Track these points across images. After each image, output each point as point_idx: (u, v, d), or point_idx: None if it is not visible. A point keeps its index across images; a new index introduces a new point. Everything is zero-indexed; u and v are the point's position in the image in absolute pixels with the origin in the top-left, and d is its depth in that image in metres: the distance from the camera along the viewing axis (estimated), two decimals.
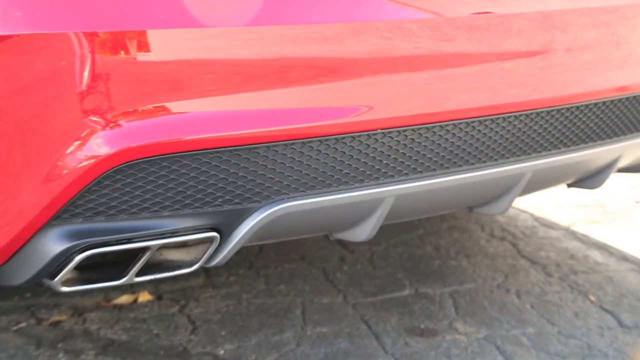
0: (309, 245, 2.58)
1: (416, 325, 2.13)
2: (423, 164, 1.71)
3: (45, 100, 1.45)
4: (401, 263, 2.48)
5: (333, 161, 1.62)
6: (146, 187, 1.50)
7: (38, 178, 1.46)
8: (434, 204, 1.86)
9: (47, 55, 1.43)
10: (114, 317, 2.12)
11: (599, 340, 2.09)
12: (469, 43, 1.73)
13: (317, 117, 1.58)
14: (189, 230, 1.57)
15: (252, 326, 2.10)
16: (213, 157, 1.52)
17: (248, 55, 1.53)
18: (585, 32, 1.88)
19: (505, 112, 1.77)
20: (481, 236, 2.69)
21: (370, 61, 1.63)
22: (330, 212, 1.67)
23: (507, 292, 2.32)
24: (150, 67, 1.47)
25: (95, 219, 1.50)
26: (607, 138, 1.99)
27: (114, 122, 1.45)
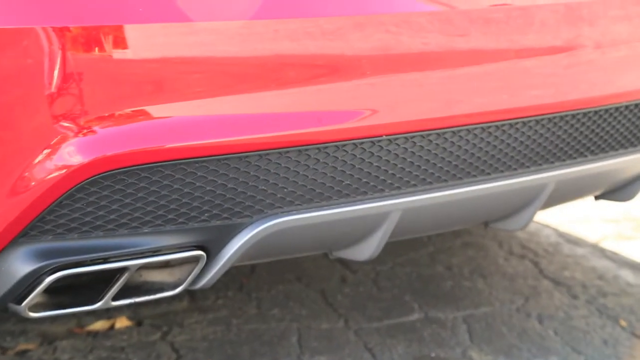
0: (307, 264, 2.57)
1: (426, 353, 2.12)
2: (433, 174, 1.71)
3: (10, 103, 1.44)
4: (409, 284, 2.47)
5: (333, 171, 1.61)
6: (124, 201, 1.50)
7: (2, 190, 1.46)
8: (446, 219, 1.85)
9: (12, 53, 1.43)
10: (87, 345, 2.12)
11: None
12: (484, 39, 1.73)
13: (315, 122, 1.58)
14: (172, 248, 1.56)
15: (243, 355, 2.09)
16: (199, 166, 1.52)
17: (238, 53, 1.53)
18: (617, 25, 1.88)
19: (526, 116, 1.77)
20: (499, 254, 2.69)
21: (374, 59, 1.62)
22: (330, 228, 1.67)
23: (527, 316, 2.32)
24: (128, 66, 1.47)
25: (67, 236, 1.49)
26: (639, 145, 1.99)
27: (88, 128, 1.45)
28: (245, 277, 2.48)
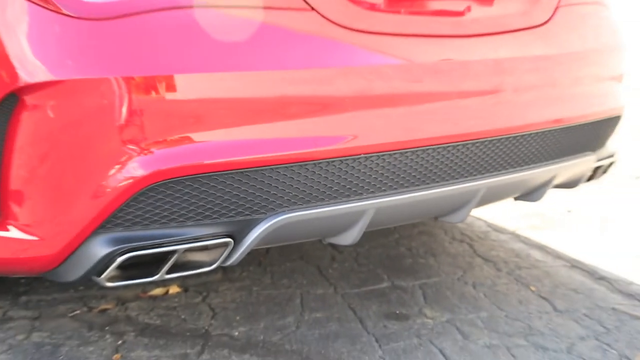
0: (307, 247, 2.55)
1: (392, 311, 2.10)
2: (398, 182, 1.69)
3: (92, 132, 1.42)
4: (380, 261, 2.45)
5: (325, 180, 1.59)
6: (173, 202, 1.47)
7: (86, 195, 1.43)
8: (407, 214, 1.83)
9: (93, 95, 1.41)
10: (149, 305, 2.09)
11: (537, 322, 2.06)
12: (435, 84, 1.71)
13: (312, 145, 1.56)
14: (208, 236, 1.54)
15: (261, 312, 2.06)
16: (227, 177, 1.49)
17: (255, 94, 1.51)
18: (528, 74, 1.86)
19: (464, 140, 1.75)
20: (444, 239, 2.66)
21: (354, 99, 1.60)
22: (323, 221, 1.64)
23: (465, 284, 2.29)
24: (175, 105, 1.45)
25: (133, 228, 1.47)
26: (546, 160, 1.97)
27: (147, 149, 1.43)
28: (262, 256, 2.45)
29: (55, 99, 1.40)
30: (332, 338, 1.94)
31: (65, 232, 1.46)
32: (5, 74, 1.41)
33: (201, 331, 1.95)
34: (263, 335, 1.94)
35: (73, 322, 1.98)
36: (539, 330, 2.02)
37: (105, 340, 1.88)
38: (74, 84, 1.39)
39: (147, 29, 1.44)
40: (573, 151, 2.03)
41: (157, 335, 1.92)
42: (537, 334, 2.00)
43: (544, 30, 1.93)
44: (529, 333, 2.00)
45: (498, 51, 1.82)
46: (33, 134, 1.42)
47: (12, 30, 1.40)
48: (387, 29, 1.67)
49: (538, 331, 2.01)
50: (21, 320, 1.98)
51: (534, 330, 2.02)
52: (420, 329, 2.00)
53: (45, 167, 1.44)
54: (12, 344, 1.85)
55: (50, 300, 2.10)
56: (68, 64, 1.40)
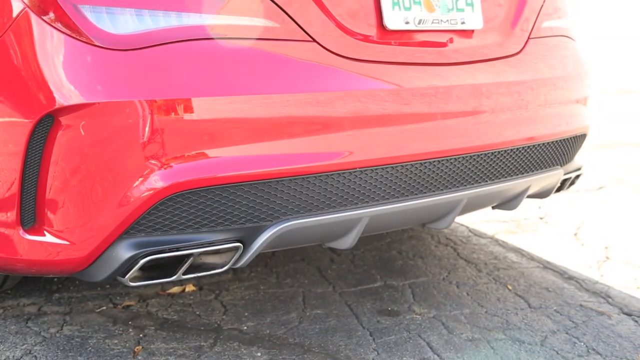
0: (308, 250, 2.55)
1: (385, 307, 2.10)
2: (389, 192, 1.70)
3: (118, 148, 1.44)
4: (374, 263, 2.45)
5: (324, 191, 1.60)
6: (190, 211, 1.48)
7: (113, 204, 1.44)
8: (397, 221, 1.84)
9: (119, 116, 1.42)
10: (168, 302, 2.09)
11: (514, 318, 2.06)
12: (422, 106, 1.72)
13: (313, 159, 1.57)
14: (221, 241, 1.54)
15: (267, 309, 2.07)
16: (238, 188, 1.50)
17: (262, 115, 1.52)
18: (504, 98, 1.88)
19: (448, 155, 1.76)
20: (431, 243, 2.67)
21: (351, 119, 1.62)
22: (323, 228, 1.65)
23: (450, 283, 2.29)
24: (192, 124, 1.46)
25: (154, 233, 1.48)
26: (520, 174, 1.97)
27: (167, 164, 1.44)
28: (269, 258, 2.45)
29: (87, 119, 1.42)
30: (330, 332, 1.94)
31: (93, 237, 1.47)
32: (43, 97, 1.43)
33: (214, 325, 1.96)
34: (269, 330, 1.94)
35: (100, 317, 1.98)
36: (515, 325, 2.02)
37: (129, 334, 1.89)
38: (103, 106, 1.41)
39: (167, 58, 1.46)
40: (544, 165, 2.04)
41: (174, 329, 1.92)
42: (514, 328, 2.00)
43: (517, 59, 1.95)
44: (506, 327, 2.00)
45: (477, 77, 1.83)
46: (66, 150, 1.43)
47: (50, 59, 1.42)
48: (380, 57, 1.69)
49: (515, 326, 2.02)
50: (54, 315, 1.98)
51: (511, 325, 2.02)
52: (410, 324, 2.00)
53: (77, 179, 1.45)
54: (45, 337, 1.86)
55: (80, 297, 2.10)
56: (98, 89, 1.41)
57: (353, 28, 1.66)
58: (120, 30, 1.43)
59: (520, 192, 2.04)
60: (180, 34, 1.46)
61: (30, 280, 2.17)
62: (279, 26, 1.56)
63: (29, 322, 1.94)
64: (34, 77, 1.43)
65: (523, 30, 1.98)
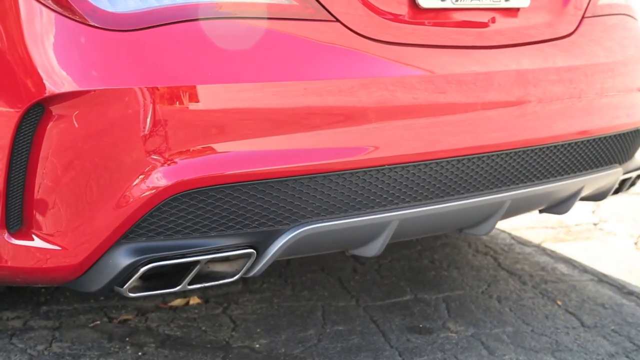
0: (327, 258, 2.55)
1: (416, 324, 2.10)
2: (422, 193, 1.69)
3: (115, 142, 1.45)
4: (403, 273, 2.45)
5: (348, 191, 1.60)
6: (197, 212, 1.49)
7: (110, 205, 1.46)
8: (431, 226, 1.84)
9: (117, 105, 1.43)
10: (170, 316, 2.10)
11: (565, 338, 2.05)
12: (459, 95, 1.71)
13: (335, 155, 1.57)
14: (231, 247, 1.55)
15: (282, 325, 2.07)
16: (250, 188, 1.51)
17: (277, 104, 1.52)
18: (553, 86, 1.86)
19: (489, 151, 1.75)
20: (468, 251, 2.66)
21: (378, 110, 1.61)
22: (346, 233, 1.65)
23: (489, 297, 2.28)
24: (199, 115, 1.47)
25: (156, 238, 1.49)
26: (572, 173, 1.96)
27: (171, 159, 1.45)
28: (283, 268, 2.46)
29: (80, 108, 1.43)
30: (354, 352, 1.94)
31: (88, 242, 1.48)
32: (32, 84, 1.44)
33: (222, 343, 1.97)
34: (284, 348, 1.95)
35: (93, 333, 2.00)
36: (566, 346, 2.01)
37: (126, 352, 1.90)
38: (99, 94, 1.42)
39: (171, 40, 1.46)
40: (600, 163, 2.02)
41: (177, 347, 1.94)
42: (565, 350, 1.99)
43: (569, 42, 1.93)
44: (556, 349, 1.99)
45: (522, 62, 1.82)
46: (58, 143, 1.45)
47: (39, 41, 1.43)
48: (411, 40, 1.69)
49: (566, 347, 2.00)
50: (42, 330, 2.00)
51: (561, 346, 2.01)
52: (445, 343, 2.00)
53: (70, 176, 1.46)
54: (32, 355, 1.88)
55: (71, 310, 2.12)
56: (93, 75, 1.43)
57: (381, 6, 1.66)
58: (118, 9, 1.44)
59: (572, 194, 2.02)
60: (186, 13, 1.47)
61: (15, 290, 2.19)
62: (297, 4, 1.56)
63: (14, 337, 1.96)
64: (21, 61, 1.45)
65: (576, 8, 1.97)
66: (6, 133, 1.46)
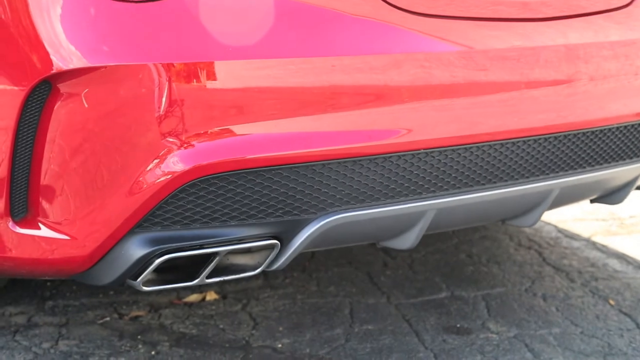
0: (356, 251, 2.56)
1: (453, 324, 2.10)
2: (461, 180, 1.69)
3: (128, 123, 1.46)
4: (438, 269, 2.45)
5: (381, 177, 1.60)
6: (216, 200, 1.50)
7: (122, 191, 1.47)
8: (471, 217, 1.83)
9: (129, 83, 1.44)
10: (185, 313, 2.13)
11: (618, 341, 2.04)
12: (501, 73, 1.70)
13: (367, 138, 1.57)
14: (253, 238, 1.56)
15: (306, 323, 2.08)
16: (274, 173, 1.52)
17: (303, 83, 1.52)
18: (606, 62, 1.84)
19: (535, 134, 1.74)
20: (510, 245, 2.65)
21: (414, 89, 1.61)
22: (378, 223, 1.66)
23: (534, 295, 2.28)
24: (218, 94, 1.47)
25: (172, 227, 1.50)
26: (628, 158, 1.94)
27: (188, 142, 1.46)
28: (307, 261, 2.47)
29: (91, 87, 1.44)
30: (385, 353, 1.95)
31: (98, 231, 1.50)
32: (38, 59, 1.45)
33: (241, 342, 1.98)
34: (309, 348, 1.96)
35: (103, 330, 2.02)
36: (620, 350, 2.00)
37: (138, 351, 1.93)
38: (110, 70, 1.43)
39: (188, 13, 1.47)
40: None
41: (193, 346, 1.96)
42: (619, 354, 1.98)
43: (625, 13, 1.91)
44: (608, 352, 1.98)
45: (571, 36, 1.81)
46: (66, 125, 1.46)
47: (46, 13, 1.45)
48: (448, 11, 1.68)
49: (619, 350, 2.00)
50: (47, 327, 2.03)
51: (614, 349, 2.00)
52: (484, 345, 2.00)
53: (78, 160, 1.48)
54: (37, 353, 1.91)
55: (78, 305, 2.15)
56: (104, 50, 1.44)
57: None
58: None
59: (628, 182, 2.01)
60: None
61: (18, 284, 2.22)
62: None
63: (17, 334, 1.99)
64: (26, 34, 1.46)
65: None
66: (10, 114, 1.47)
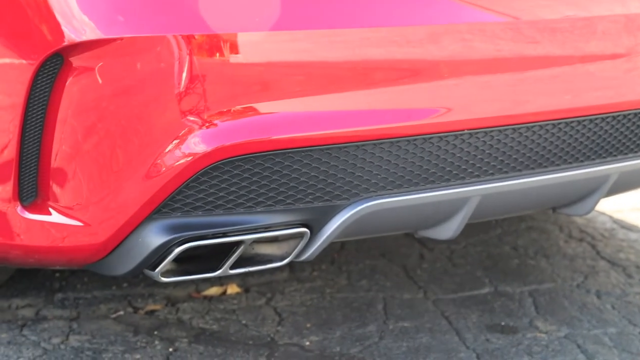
0: (389, 242, 2.56)
1: (497, 322, 2.10)
2: (509, 164, 1.69)
3: (146, 100, 1.47)
4: (480, 262, 2.45)
5: (420, 160, 1.60)
6: (241, 184, 1.51)
7: (139, 175, 1.49)
8: (519, 204, 1.83)
9: (147, 57, 1.46)
10: (204, 307, 2.15)
11: None
12: (552, 46, 1.70)
13: (405, 118, 1.57)
14: (281, 225, 1.57)
15: (336, 319, 2.10)
16: (304, 155, 1.52)
17: (335, 57, 1.53)
18: None
19: (590, 114, 1.73)
20: (559, 237, 2.64)
21: (456, 63, 1.61)
22: (417, 211, 1.66)
23: (587, 292, 2.27)
24: (242, 69, 1.48)
25: (193, 213, 1.52)
26: None
27: (210, 121, 1.47)
28: (336, 253, 2.48)
29: (105, 60, 1.46)
30: (422, 352, 1.95)
31: (114, 217, 1.52)
32: (48, 31, 1.47)
33: (266, 339, 2.00)
34: (339, 347, 1.97)
35: (116, 325, 2.05)
36: None
37: (154, 347, 1.95)
38: (126, 43, 1.44)
39: None
40: None
41: (214, 342, 1.98)
42: None
43: None
44: None
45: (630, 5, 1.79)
46: (79, 102, 1.48)
47: None
48: None
49: None
50: (57, 321, 2.06)
51: None
52: (532, 345, 2.00)
53: (92, 141, 1.50)
54: (46, 349, 1.94)
55: (90, 298, 2.18)
56: (120, 20, 1.45)
57: None
58: None
59: None
60: None
61: (24, 275, 2.25)
62: None
63: (25, 329, 2.02)
64: (36, 3, 1.48)
65: None
66: (19, 90, 1.49)
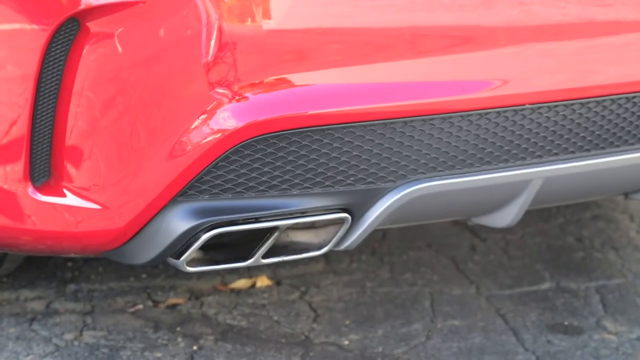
0: (436, 231, 2.56)
1: (559, 321, 2.09)
2: (576, 143, 1.68)
3: (170, 71, 1.48)
4: (539, 254, 2.43)
5: (475, 139, 1.60)
6: (275, 164, 1.52)
7: (162, 153, 1.50)
8: (586, 189, 1.82)
9: (172, 22, 1.47)
10: (232, 301, 2.16)
11: None
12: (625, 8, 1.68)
13: (459, 91, 1.57)
14: (319, 210, 1.58)
15: (378, 316, 2.10)
16: (346, 132, 1.53)
17: (379, 23, 1.53)
18: None
19: None
20: (630, 227, 2.61)
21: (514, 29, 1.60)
22: (471, 195, 1.66)
23: None
24: (277, 36, 1.49)
25: (223, 196, 1.53)
26: None
27: (241, 94, 1.47)
28: (377, 242, 2.48)
29: (126, 26, 1.47)
30: (475, 354, 1.96)
31: (134, 200, 1.54)
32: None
33: (300, 337, 2.01)
34: (382, 347, 1.98)
35: (135, 320, 2.07)
36: None
37: (177, 345, 1.97)
38: (149, 6, 1.45)
39: None
40: None
41: (242, 340, 1.99)
42: None
43: None
44: None
45: None
46: (96, 72, 1.49)
47: None
48: None
49: None
50: (69, 315, 2.08)
51: None
52: (599, 348, 1.99)
53: (111, 116, 1.51)
54: (58, 345, 1.96)
55: (106, 290, 2.20)
56: None
57: None
58: None
59: None
60: None
61: (34, 264, 2.28)
62: None
63: (34, 323, 2.05)
64: None
65: None
66: (31, 59, 1.51)
